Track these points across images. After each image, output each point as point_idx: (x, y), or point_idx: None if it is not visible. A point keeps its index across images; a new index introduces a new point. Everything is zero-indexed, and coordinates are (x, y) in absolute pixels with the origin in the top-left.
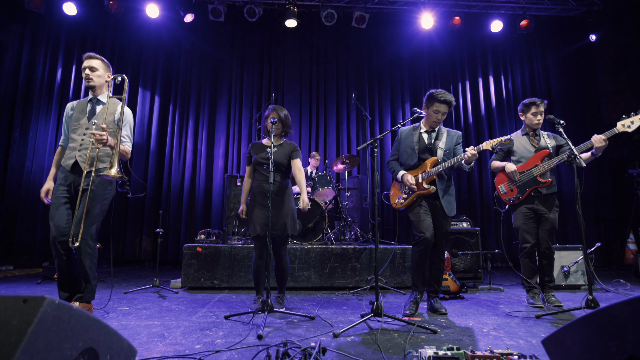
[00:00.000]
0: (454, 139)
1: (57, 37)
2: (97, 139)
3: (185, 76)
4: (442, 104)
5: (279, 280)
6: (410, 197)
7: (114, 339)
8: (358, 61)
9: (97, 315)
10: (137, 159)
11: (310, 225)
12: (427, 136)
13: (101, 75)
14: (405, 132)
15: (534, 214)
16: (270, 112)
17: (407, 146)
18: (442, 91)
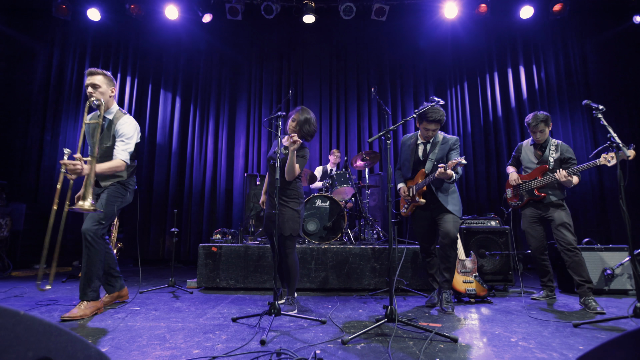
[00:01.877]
0: (448, 146)
1: (83, 42)
2: (70, 169)
3: (205, 77)
4: (431, 123)
5: (286, 280)
6: (409, 208)
7: (77, 347)
8: (378, 55)
9: (105, 315)
10: (159, 159)
11: (329, 225)
12: (422, 148)
13: (104, 91)
14: (405, 143)
15: (538, 218)
16: (295, 113)
17: (405, 159)
18: (432, 109)
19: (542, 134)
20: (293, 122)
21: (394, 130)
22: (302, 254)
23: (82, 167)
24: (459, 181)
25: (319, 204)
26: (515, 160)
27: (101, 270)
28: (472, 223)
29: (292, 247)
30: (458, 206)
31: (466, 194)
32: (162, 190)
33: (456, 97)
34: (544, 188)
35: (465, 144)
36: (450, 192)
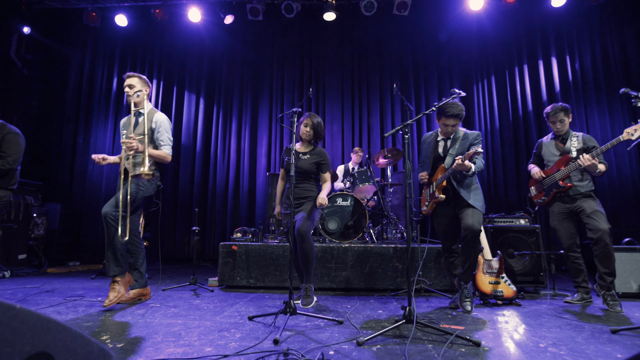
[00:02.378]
0: (469, 141)
1: (112, 48)
2: (127, 146)
3: (227, 77)
4: (449, 119)
5: (302, 266)
6: (430, 205)
7: (78, 342)
8: (401, 51)
9: (127, 311)
10: (184, 160)
11: (350, 223)
12: (442, 144)
13: (138, 91)
14: (425, 140)
15: (567, 212)
16: (305, 118)
17: (425, 156)
18: (450, 104)
19: (562, 124)
20: (306, 127)
21: (416, 127)
22: (322, 252)
23: (137, 144)
24: (486, 179)
25: (340, 202)
26: (536, 157)
27: (124, 247)
28: (500, 221)
29: (306, 232)
30: (481, 202)
31: (494, 192)
32: (187, 190)
33: (483, 92)
34: (569, 178)
35: (493, 141)
36: (472, 188)
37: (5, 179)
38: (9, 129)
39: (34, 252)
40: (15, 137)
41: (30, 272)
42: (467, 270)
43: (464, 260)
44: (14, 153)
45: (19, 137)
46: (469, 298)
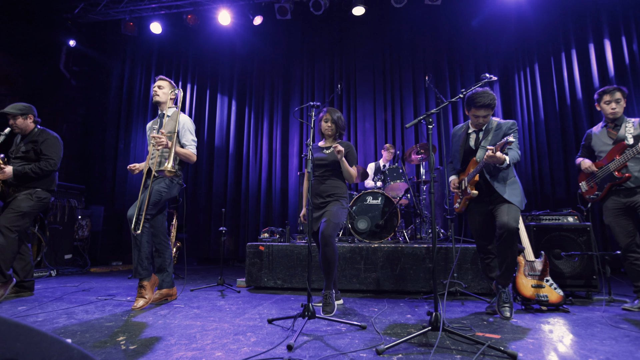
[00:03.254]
0: (502, 131)
1: (149, 55)
2: (156, 141)
3: (258, 78)
4: (480, 109)
5: (323, 271)
6: (462, 202)
7: (54, 349)
8: (434, 42)
9: (150, 311)
10: (217, 161)
11: (381, 223)
12: (474, 136)
13: (166, 92)
14: (456, 134)
15: (623, 208)
16: (324, 113)
17: (455, 150)
18: (479, 94)
19: (618, 104)
20: (326, 122)
21: (452, 118)
22: (350, 253)
23: (166, 140)
24: (530, 174)
25: (370, 201)
26: (585, 150)
27: (149, 250)
28: (544, 219)
29: (331, 236)
30: (519, 197)
31: (540, 187)
32: (221, 191)
33: (525, 81)
34: (625, 168)
35: (537, 133)
36: (509, 182)
37: (47, 181)
38: (49, 134)
39: (78, 253)
40: (55, 140)
41: (74, 271)
42: (504, 273)
43: (500, 261)
44: (55, 156)
45: (58, 141)
46: (507, 303)
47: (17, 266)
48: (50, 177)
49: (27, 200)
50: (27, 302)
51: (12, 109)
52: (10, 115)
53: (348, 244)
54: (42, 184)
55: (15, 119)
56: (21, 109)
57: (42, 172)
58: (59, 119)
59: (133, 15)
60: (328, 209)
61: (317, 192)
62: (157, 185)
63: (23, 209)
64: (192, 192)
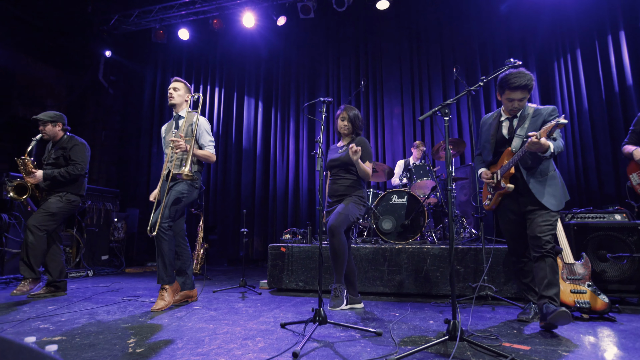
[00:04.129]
0: (542, 118)
1: (178, 61)
2: (175, 144)
3: (284, 79)
4: (515, 91)
5: (332, 263)
6: (494, 198)
7: (26, 357)
8: (464, 33)
9: (167, 313)
10: (245, 163)
11: (407, 222)
12: (507, 124)
13: (181, 94)
14: (485, 122)
15: None
16: (341, 111)
17: (486, 140)
18: (515, 74)
19: None
20: (343, 120)
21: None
22: (373, 254)
23: (184, 143)
24: (573, 168)
25: (395, 200)
26: (635, 135)
27: (172, 256)
28: (587, 217)
29: (340, 226)
30: (558, 198)
31: (585, 183)
32: (249, 193)
33: (565, 69)
34: None
35: (580, 124)
36: (548, 176)
37: (76, 185)
38: (77, 140)
39: (114, 254)
40: (82, 147)
41: (110, 271)
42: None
43: (540, 277)
44: (82, 161)
45: (85, 147)
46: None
47: (50, 266)
48: (79, 182)
49: (57, 202)
50: (58, 301)
51: (44, 115)
52: (41, 122)
53: (371, 245)
54: (72, 188)
55: (45, 126)
56: (52, 116)
57: (70, 177)
58: (98, 126)
59: (163, 23)
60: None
61: (331, 191)
62: (178, 188)
63: (52, 209)
64: (221, 193)
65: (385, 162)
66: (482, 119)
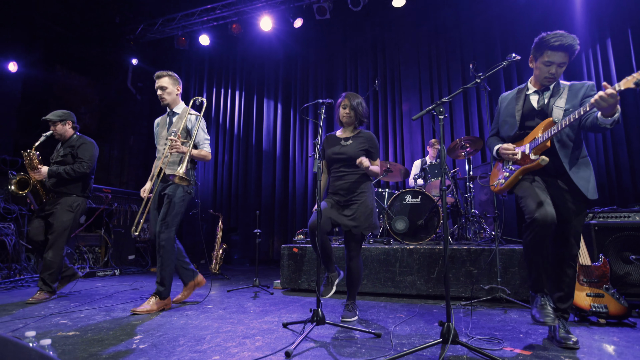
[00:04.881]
0: (582, 91)
1: (200, 66)
2: (171, 145)
3: (302, 80)
4: (556, 52)
5: (348, 284)
6: (514, 175)
7: (10, 350)
8: (485, 28)
9: (177, 310)
10: (266, 165)
11: (421, 223)
12: (536, 97)
13: (171, 91)
14: (506, 98)
15: None
16: (342, 99)
17: (507, 114)
18: (557, 33)
19: None
20: (344, 108)
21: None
22: (384, 255)
23: (181, 146)
24: (603, 163)
25: (409, 200)
26: None
27: (173, 270)
28: (610, 217)
29: (360, 248)
30: (592, 182)
31: (617, 180)
32: (269, 194)
33: (594, 60)
34: None
35: None
36: (581, 161)
37: (82, 186)
38: (85, 139)
39: (140, 254)
40: (90, 145)
41: (136, 270)
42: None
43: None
44: (89, 159)
45: (94, 146)
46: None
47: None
48: (85, 182)
49: (67, 213)
50: (82, 298)
51: (52, 115)
52: (50, 122)
53: (382, 245)
54: (77, 189)
55: (55, 125)
56: (60, 115)
57: (75, 174)
58: (127, 131)
59: (185, 30)
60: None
61: (337, 188)
62: (175, 194)
63: (66, 223)
64: (242, 195)
65: (404, 161)
66: (501, 96)
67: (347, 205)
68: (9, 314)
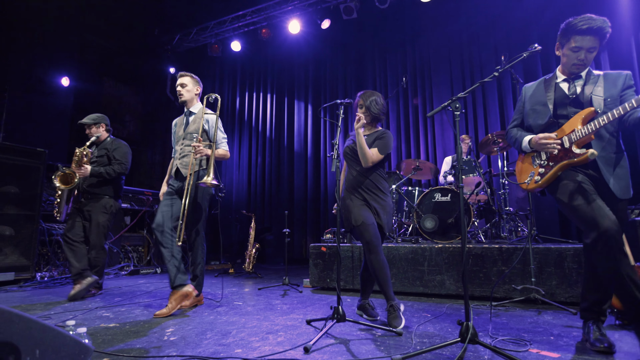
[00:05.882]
0: (620, 81)
1: (233, 72)
2: (197, 149)
3: (331, 81)
4: (584, 36)
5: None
6: (553, 170)
7: (48, 335)
8: (522, 20)
9: (209, 306)
10: (297, 165)
11: (451, 221)
12: (567, 85)
13: (190, 90)
14: (530, 88)
15: None
16: (358, 99)
17: (536, 102)
18: (585, 16)
19: None
20: (360, 108)
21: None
22: (412, 254)
23: (205, 150)
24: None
25: (438, 198)
26: None
27: (204, 266)
28: None
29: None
30: (627, 182)
31: None
32: (301, 194)
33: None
34: None
35: None
36: (620, 156)
37: (115, 188)
38: (120, 142)
39: None
40: (126, 148)
41: None
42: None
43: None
44: (127, 161)
45: (128, 148)
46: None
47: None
48: (116, 185)
49: (103, 215)
50: (124, 294)
51: (87, 119)
52: (86, 125)
53: (410, 244)
54: (110, 191)
55: (90, 128)
56: (94, 118)
57: (115, 175)
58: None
59: (217, 37)
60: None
61: (356, 185)
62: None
63: (104, 224)
64: (276, 196)
65: (435, 158)
66: (525, 87)
67: (370, 203)
68: (62, 306)
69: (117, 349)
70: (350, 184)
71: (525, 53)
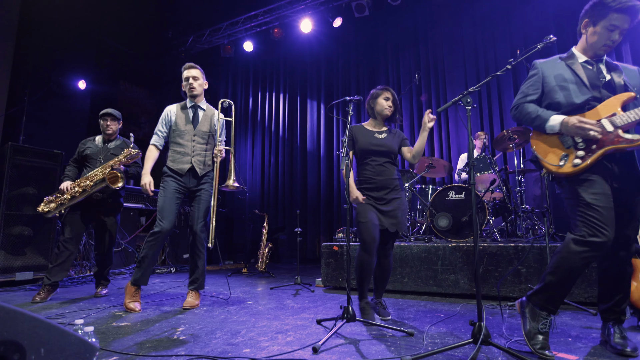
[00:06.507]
0: (637, 75)
1: (245, 72)
2: (220, 156)
3: (344, 79)
4: (625, 15)
5: (380, 282)
6: (596, 155)
7: (53, 334)
8: (537, 11)
9: (220, 306)
10: (310, 165)
11: (465, 219)
12: (591, 68)
13: (202, 83)
14: (547, 63)
15: None
16: (383, 90)
17: (565, 79)
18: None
19: None
20: (387, 100)
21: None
22: (425, 252)
23: (224, 153)
24: None
25: (452, 196)
26: None
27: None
28: None
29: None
30: None
31: None
32: (315, 194)
33: None
34: None
35: None
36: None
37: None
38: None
39: None
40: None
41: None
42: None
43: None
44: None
45: None
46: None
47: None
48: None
49: (115, 216)
50: None
51: (113, 111)
52: (109, 117)
53: (423, 243)
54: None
55: (113, 122)
56: (118, 114)
57: (139, 175)
58: None
59: (230, 38)
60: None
61: (379, 183)
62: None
63: (115, 224)
64: (289, 195)
65: (450, 156)
66: (539, 62)
67: (386, 201)
68: (76, 304)
69: (126, 348)
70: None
71: (540, 44)
